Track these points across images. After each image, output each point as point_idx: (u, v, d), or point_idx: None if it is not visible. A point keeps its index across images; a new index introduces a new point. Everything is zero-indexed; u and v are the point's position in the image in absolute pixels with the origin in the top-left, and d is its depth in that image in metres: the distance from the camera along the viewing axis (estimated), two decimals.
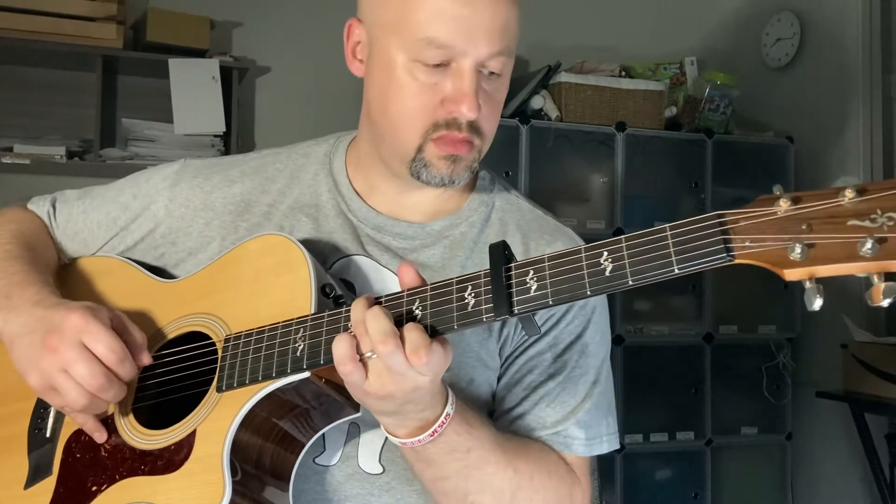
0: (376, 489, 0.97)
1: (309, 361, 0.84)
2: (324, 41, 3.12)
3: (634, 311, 2.94)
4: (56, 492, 0.95)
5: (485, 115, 0.94)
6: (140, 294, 1.04)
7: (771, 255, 0.66)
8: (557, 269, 0.75)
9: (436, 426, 0.84)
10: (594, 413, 1.02)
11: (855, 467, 2.98)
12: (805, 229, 0.66)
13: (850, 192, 0.65)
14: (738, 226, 0.68)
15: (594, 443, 1.01)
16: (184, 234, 1.06)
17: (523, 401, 1.00)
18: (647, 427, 2.92)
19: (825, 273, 0.65)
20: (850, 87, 3.11)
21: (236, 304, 0.95)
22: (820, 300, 0.66)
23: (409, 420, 0.84)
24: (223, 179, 1.07)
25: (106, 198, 1.11)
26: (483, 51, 0.91)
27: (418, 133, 0.94)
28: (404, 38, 0.92)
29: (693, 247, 0.69)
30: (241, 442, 0.87)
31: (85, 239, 1.11)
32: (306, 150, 1.11)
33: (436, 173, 0.95)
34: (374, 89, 0.98)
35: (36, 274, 1.00)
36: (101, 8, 2.75)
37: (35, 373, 0.90)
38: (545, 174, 2.84)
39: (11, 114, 2.82)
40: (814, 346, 3.14)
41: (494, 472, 0.91)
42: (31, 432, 1.01)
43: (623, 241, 0.73)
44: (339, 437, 0.97)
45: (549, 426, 0.99)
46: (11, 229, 1.08)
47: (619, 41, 3.47)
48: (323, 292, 0.89)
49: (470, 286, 0.79)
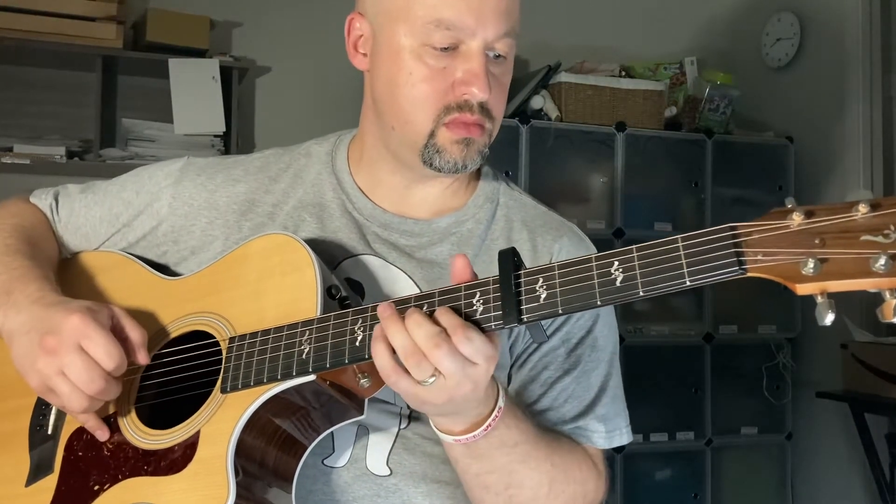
0: (383, 490, 0.96)
1: (315, 364, 0.84)
2: (324, 41, 3.13)
3: (634, 311, 2.94)
4: (58, 490, 0.95)
5: (494, 97, 0.95)
6: (143, 291, 1.03)
7: (783, 269, 0.66)
8: (567, 277, 0.75)
9: (490, 420, 0.84)
10: (611, 406, 1.03)
11: (855, 467, 2.98)
12: (818, 244, 0.65)
13: (863, 206, 0.65)
14: (750, 239, 0.68)
15: (613, 435, 1.03)
16: (186, 232, 1.05)
17: (541, 397, 1.01)
18: (647, 427, 2.92)
19: (837, 288, 0.65)
20: (850, 87, 3.10)
21: (241, 303, 0.94)
22: (832, 315, 0.65)
23: (466, 417, 0.84)
24: (227, 178, 1.07)
25: (109, 192, 1.11)
26: (491, 31, 0.92)
27: (430, 118, 0.94)
28: (412, 23, 0.92)
29: (705, 259, 0.69)
30: (245, 444, 0.86)
31: (87, 234, 1.10)
32: (308, 150, 1.11)
33: (449, 158, 0.95)
34: (380, 79, 0.98)
35: (37, 270, 1.00)
36: (101, 8, 2.75)
37: (33, 374, 0.90)
38: (545, 174, 2.84)
39: (11, 114, 2.82)
40: (814, 346, 3.14)
41: (536, 466, 0.92)
42: (32, 429, 1.00)
43: (634, 251, 0.72)
44: (349, 439, 0.97)
45: (568, 421, 1.00)
46: (13, 223, 1.07)
47: (619, 41, 3.47)
48: (328, 293, 0.89)
49: (479, 293, 0.78)
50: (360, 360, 0.83)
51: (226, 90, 2.89)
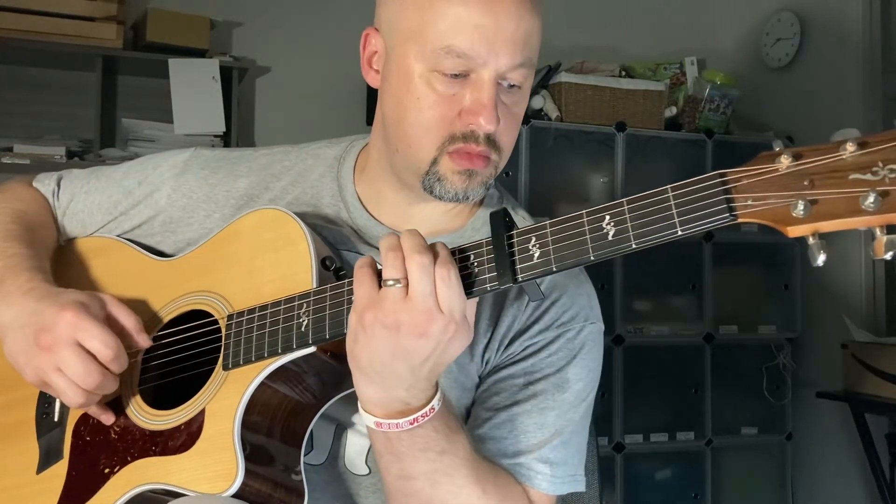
0: (363, 490, 0.96)
1: (314, 336, 0.84)
2: (324, 41, 3.14)
3: (634, 311, 2.94)
4: (69, 475, 0.96)
5: (503, 128, 0.91)
6: (138, 273, 1.04)
7: (774, 212, 0.66)
8: (560, 234, 0.75)
9: (418, 415, 0.81)
10: (561, 451, 0.96)
11: (855, 467, 2.98)
12: (807, 185, 0.65)
13: (850, 145, 0.65)
14: (739, 184, 0.68)
15: (561, 480, 0.96)
16: (184, 224, 1.05)
17: (484, 423, 0.96)
18: (647, 427, 2.92)
19: (829, 228, 0.65)
20: (850, 87, 3.10)
21: (236, 280, 0.95)
22: (823, 255, 0.65)
23: (392, 393, 0.80)
24: (229, 174, 1.07)
25: (112, 179, 1.10)
26: (504, 62, 0.89)
27: (434, 145, 0.91)
28: (423, 47, 0.89)
29: (695, 207, 0.69)
30: (251, 419, 0.87)
31: (83, 220, 1.10)
32: (316, 152, 1.09)
33: (450, 188, 0.92)
34: (389, 99, 0.95)
35: (32, 259, 0.99)
36: (101, 8, 2.75)
37: (29, 370, 0.90)
38: (545, 174, 2.84)
39: (11, 114, 2.82)
40: (814, 346, 3.14)
41: (463, 486, 0.86)
42: (38, 417, 1.01)
43: (625, 203, 0.72)
44: (326, 438, 0.96)
45: (509, 455, 0.95)
46: (14, 207, 1.07)
47: (619, 41, 3.47)
48: (323, 265, 0.89)
49: (472, 255, 0.78)
50: None
51: (226, 90, 2.89)
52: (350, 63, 1.04)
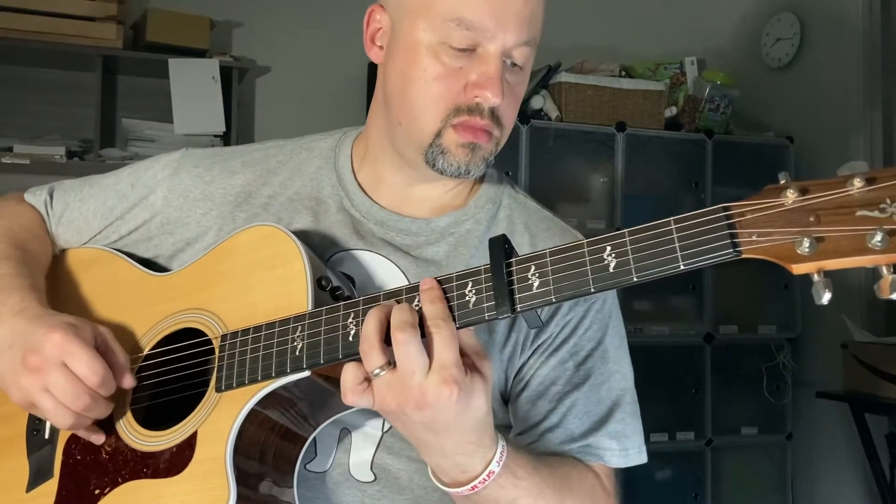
0: (368, 497, 0.95)
1: (309, 361, 0.83)
2: (324, 41, 3.14)
3: (634, 311, 2.94)
4: (59, 494, 0.94)
5: (506, 105, 0.93)
6: (130, 288, 1.02)
7: (778, 249, 0.64)
8: (560, 264, 0.73)
9: (476, 482, 0.80)
10: (626, 423, 0.99)
11: (855, 467, 2.98)
12: (813, 221, 0.63)
13: (858, 180, 0.63)
14: (744, 219, 0.66)
15: (629, 454, 0.98)
16: (181, 224, 1.04)
17: (550, 413, 0.97)
18: (647, 427, 2.86)
19: (834, 266, 0.63)
20: (850, 87, 3.10)
21: (230, 299, 0.93)
22: (828, 294, 0.63)
23: (442, 462, 0.80)
24: (224, 170, 1.06)
25: (104, 185, 1.10)
26: (511, 38, 0.91)
27: (438, 117, 0.92)
28: (433, 20, 0.91)
29: (698, 241, 0.67)
30: (243, 443, 0.86)
31: (79, 227, 1.09)
32: (310, 144, 1.10)
33: (452, 161, 0.93)
34: (394, 72, 0.95)
35: (23, 278, 0.98)
36: (101, 8, 2.75)
37: (15, 390, 0.89)
38: (545, 174, 2.84)
39: (11, 114, 2.82)
40: (814, 346, 3.14)
41: None
42: (29, 433, 0.99)
43: (626, 234, 0.71)
44: (331, 444, 0.95)
45: (577, 438, 0.96)
46: (4, 226, 1.06)
47: (619, 41, 3.47)
48: (319, 284, 0.88)
49: (471, 282, 0.77)
50: (354, 355, 0.80)
51: (226, 90, 2.89)
52: (350, 63, 1.05)
